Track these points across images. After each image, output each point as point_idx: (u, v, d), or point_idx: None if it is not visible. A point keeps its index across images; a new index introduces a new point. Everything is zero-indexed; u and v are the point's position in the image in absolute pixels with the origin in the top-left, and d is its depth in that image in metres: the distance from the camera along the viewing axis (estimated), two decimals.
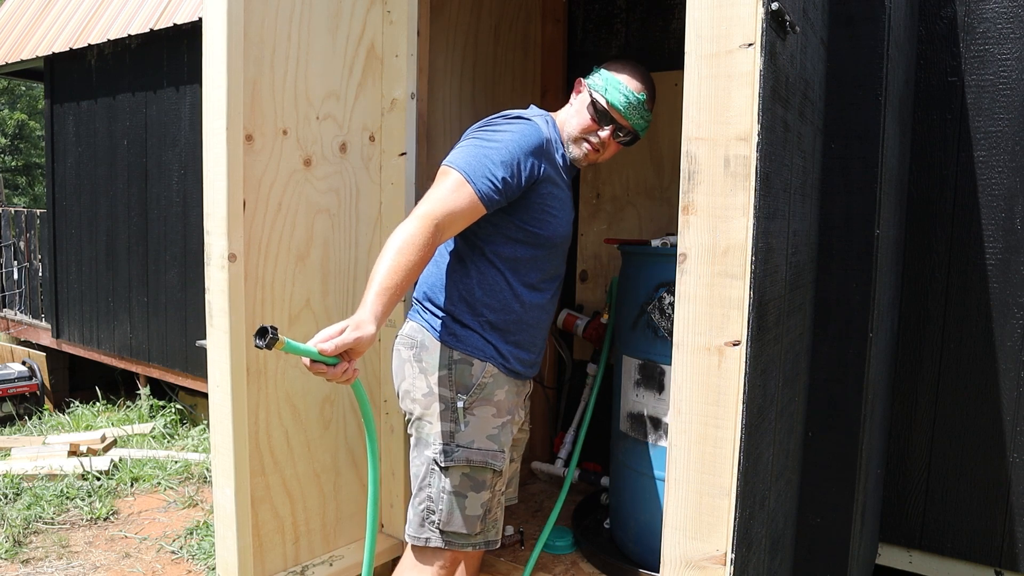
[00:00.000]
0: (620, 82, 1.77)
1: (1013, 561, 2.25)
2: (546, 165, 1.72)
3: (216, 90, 1.75)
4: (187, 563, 2.98)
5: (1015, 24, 2.17)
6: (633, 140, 1.85)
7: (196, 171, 4.38)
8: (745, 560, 1.27)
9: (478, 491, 1.71)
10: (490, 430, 1.73)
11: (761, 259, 1.19)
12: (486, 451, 1.71)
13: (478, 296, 1.73)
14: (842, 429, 1.78)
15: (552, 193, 1.74)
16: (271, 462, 1.93)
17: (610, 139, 1.80)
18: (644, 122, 1.82)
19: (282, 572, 1.98)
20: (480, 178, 1.59)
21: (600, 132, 1.79)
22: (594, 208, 3.05)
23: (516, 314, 1.75)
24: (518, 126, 1.70)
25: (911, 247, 2.37)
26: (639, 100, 1.77)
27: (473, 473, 1.70)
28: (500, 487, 1.76)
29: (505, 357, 1.75)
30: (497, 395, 1.74)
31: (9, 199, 14.47)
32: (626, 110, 1.77)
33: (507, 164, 1.62)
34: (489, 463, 1.71)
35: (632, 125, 1.80)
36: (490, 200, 1.61)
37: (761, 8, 1.12)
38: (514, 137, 1.66)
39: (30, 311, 6.33)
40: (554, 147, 1.78)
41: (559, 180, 1.78)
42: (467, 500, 1.70)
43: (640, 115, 1.80)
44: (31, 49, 5.60)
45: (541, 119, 1.79)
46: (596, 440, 2.81)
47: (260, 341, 1.29)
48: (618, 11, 2.99)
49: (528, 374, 1.85)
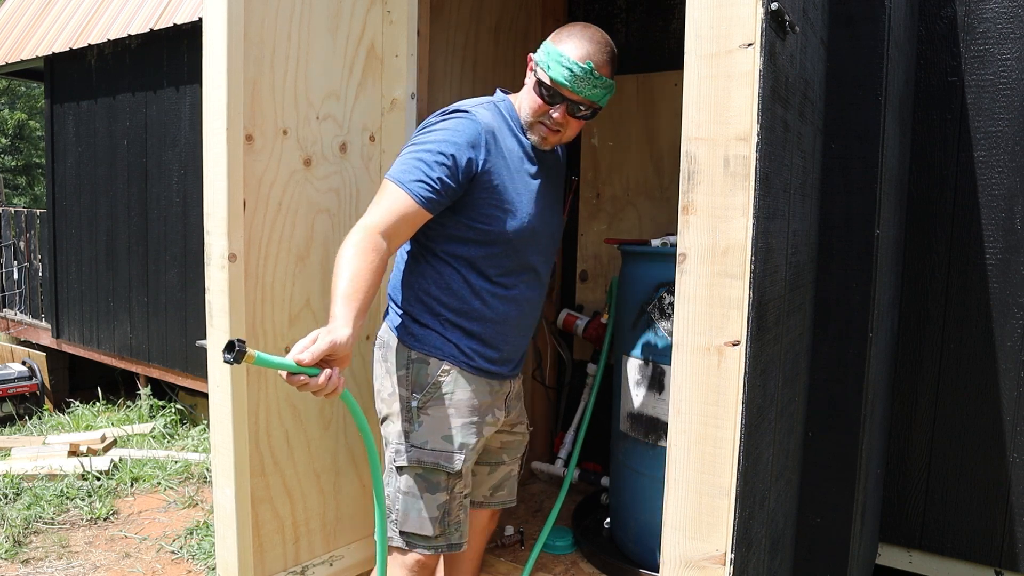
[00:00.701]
0: (562, 54, 1.60)
1: (1013, 561, 2.25)
2: (488, 157, 1.63)
3: (216, 90, 1.75)
4: (187, 563, 2.98)
5: (1015, 24, 2.17)
6: (595, 112, 1.69)
7: (196, 171, 4.38)
8: (745, 560, 1.27)
9: (433, 492, 1.67)
10: (446, 431, 1.68)
11: (761, 259, 1.19)
12: (439, 452, 1.66)
13: (435, 295, 1.69)
14: (842, 429, 1.78)
15: (501, 186, 1.65)
16: (271, 462, 1.93)
17: (566, 118, 1.66)
18: (601, 90, 1.64)
19: (282, 572, 1.99)
20: (413, 183, 1.56)
21: (552, 113, 1.65)
22: (594, 208, 3.05)
23: (477, 311, 1.70)
24: (452, 121, 1.63)
25: (911, 247, 2.37)
26: (585, 70, 1.59)
27: (426, 474, 1.67)
28: (460, 489, 1.70)
29: (468, 355, 1.70)
30: (457, 395, 1.69)
31: (9, 199, 14.47)
32: (573, 84, 1.60)
33: (441, 163, 1.57)
34: (441, 464, 1.66)
35: (586, 98, 1.63)
36: (429, 202, 1.57)
37: (761, 8, 1.12)
38: (446, 134, 1.60)
39: (30, 311, 6.33)
40: (505, 134, 1.69)
41: (513, 170, 1.68)
42: (422, 501, 1.66)
43: (591, 85, 1.61)
44: (31, 49, 5.60)
45: (484, 107, 1.69)
46: (596, 440, 2.81)
47: (228, 355, 1.23)
48: (618, 11, 2.99)
49: (504, 372, 1.78)
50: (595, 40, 1.62)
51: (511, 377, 1.81)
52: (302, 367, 1.31)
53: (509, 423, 1.86)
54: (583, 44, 1.60)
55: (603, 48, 1.62)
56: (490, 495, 1.91)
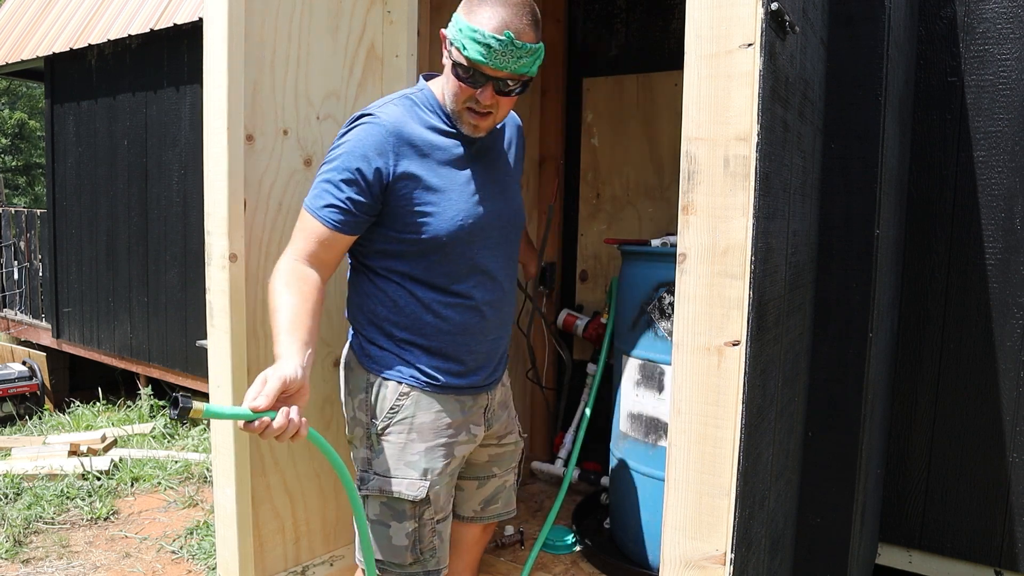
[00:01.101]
0: (475, 28, 1.41)
1: (1013, 561, 2.25)
2: (399, 160, 1.50)
3: (217, 90, 1.75)
4: (187, 563, 2.98)
5: (1015, 24, 2.18)
6: (526, 85, 1.51)
7: (196, 171, 4.39)
8: (745, 560, 1.27)
9: (400, 521, 1.57)
10: (409, 457, 1.57)
11: (761, 259, 1.20)
12: (401, 480, 1.56)
13: (384, 315, 1.59)
14: (842, 429, 1.78)
15: (422, 188, 1.52)
16: (271, 462, 1.93)
17: (494, 98, 1.48)
18: (529, 59, 1.44)
19: (282, 572, 1.99)
20: (323, 209, 1.48)
21: (478, 96, 1.48)
22: (594, 208, 3.05)
23: (432, 326, 1.58)
24: (355, 131, 1.52)
25: (911, 247, 2.37)
26: (504, 42, 1.40)
27: (390, 503, 1.57)
28: (430, 516, 1.59)
29: (429, 375, 1.59)
30: (420, 418, 1.58)
31: (10, 199, 14.47)
32: (494, 60, 1.41)
33: (349, 180, 1.47)
34: (404, 493, 1.55)
35: (512, 72, 1.44)
36: (343, 224, 1.49)
37: (761, 8, 1.12)
38: (350, 146, 1.50)
39: (30, 311, 6.33)
40: (420, 128, 1.55)
41: (436, 165, 1.54)
42: (390, 530, 1.57)
43: (516, 57, 1.42)
44: (31, 49, 5.60)
45: (394, 103, 1.56)
46: (596, 440, 2.81)
47: (172, 411, 1.16)
48: (618, 11, 2.99)
49: (476, 384, 1.65)
50: (509, 4, 1.42)
51: (487, 388, 1.68)
52: (258, 413, 1.23)
53: (495, 435, 1.76)
54: (497, 12, 1.41)
55: (521, 11, 1.42)
56: (481, 509, 1.80)
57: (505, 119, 1.70)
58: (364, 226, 1.53)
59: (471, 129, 1.54)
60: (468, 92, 1.48)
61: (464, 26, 1.42)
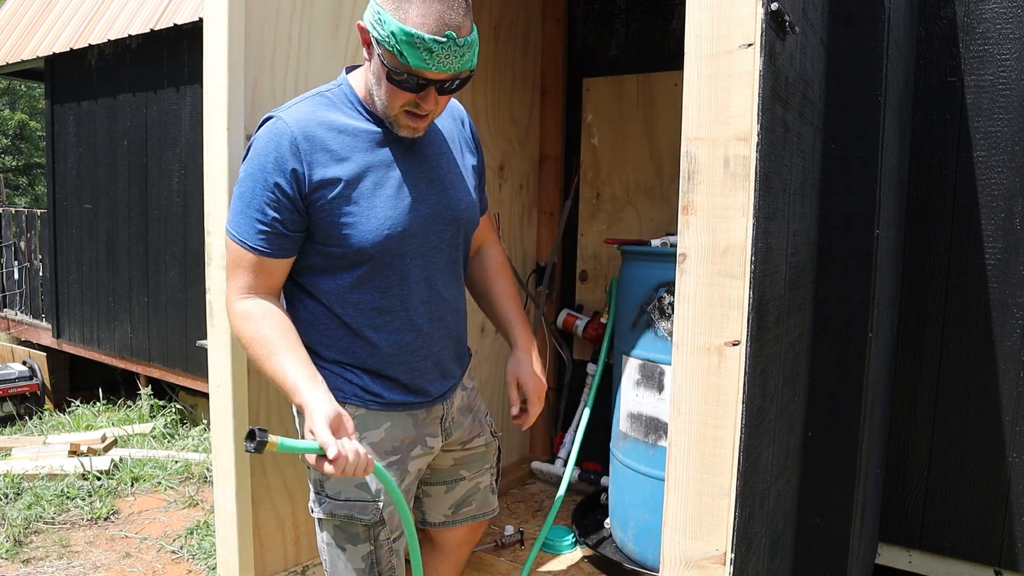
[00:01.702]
0: (412, 31, 1.26)
1: (1013, 561, 2.25)
2: (312, 168, 1.38)
3: (217, 90, 1.75)
4: (187, 563, 2.98)
5: (1015, 24, 2.18)
6: (466, 80, 1.39)
7: (196, 171, 4.39)
8: (745, 560, 1.27)
9: (355, 544, 1.51)
10: (359, 478, 1.50)
11: (761, 259, 1.20)
12: (353, 502, 1.49)
13: (316, 339, 1.50)
14: (842, 429, 1.78)
15: (341, 195, 1.40)
16: (272, 462, 1.94)
17: (436, 98, 1.37)
18: (470, 53, 1.32)
19: (283, 572, 1.99)
20: (253, 236, 1.39)
21: (420, 100, 1.36)
22: (594, 208, 3.05)
23: (364, 350, 1.49)
24: (260, 141, 1.41)
25: (911, 247, 2.37)
26: (444, 44, 1.27)
27: (343, 526, 1.51)
28: (385, 536, 1.53)
29: (374, 393, 1.51)
30: (369, 437, 1.51)
31: (11, 199, 14.48)
32: (435, 64, 1.29)
33: (270, 201, 1.38)
34: (356, 516, 1.49)
35: (457, 72, 1.33)
36: (280, 248, 1.41)
37: (761, 8, 1.13)
38: (259, 160, 1.39)
39: (30, 311, 6.34)
40: (333, 130, 1.42)
41: (356, 167, 1.42)
42: (346, 553, 1.52)
43: (458, 55, 1.30)
44: (32, 49, 5.61)
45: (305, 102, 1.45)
46: (596, 440, 2.81)
47: (249, 444, 1.17)
48: (618, 11, 2.99)
49: (427, 398, 1.56)
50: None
51: (441, 399, 1.59)
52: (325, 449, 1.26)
53: (457, 442, 1.69)
54: (431, 7, 1.27)
55: (453, 2, 1.29)
56: (452, 513, 1.74)
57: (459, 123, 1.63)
58: (299, 242, 1.44)
59: (410, 132, 1.43)
60: (406, 97, 1.35)
61: (396, 29, 1.27)
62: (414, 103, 1.37)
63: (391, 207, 1.43)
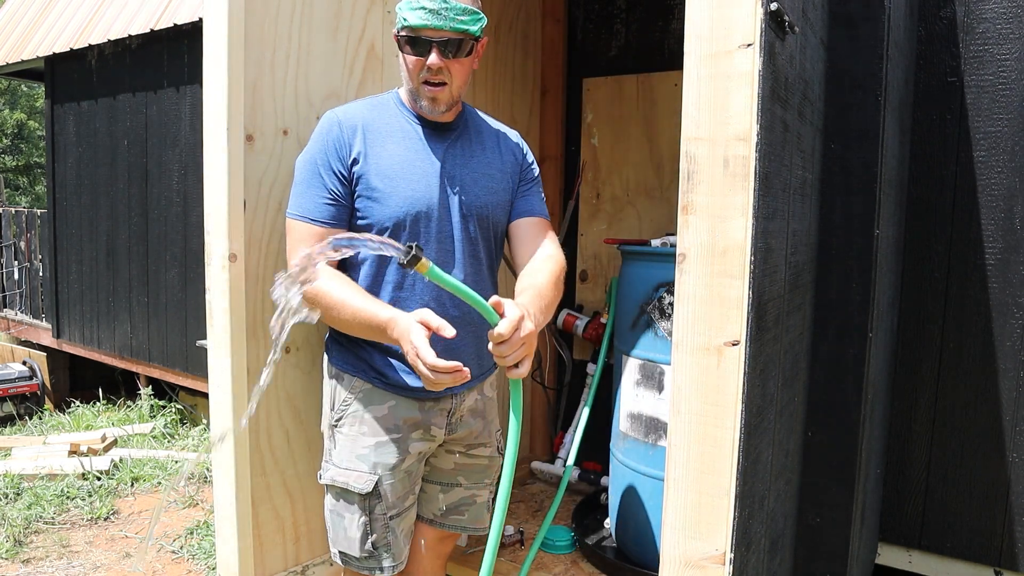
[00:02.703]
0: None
1: (1013, 561, 2.25)
2: (352, 142, 1.58)
3: (216, 90, 1.75)
4: (187, 563, 2.98)
5: (1015, 24, 2.18)
6: (471, 47, 1.55)
7: (196, 171, 4.39)
8: (744, 560, 1.27)
9: (352, 513, 1.62)
10: (360, 450, 1.62)
11: (760, 259, 1.20)
12: (350, 472, 1.61)
13: None
14: (842, 429, 1.78)
15: (371, 171, 1.58)
16: (271, 462, 1.94)
17: (443, 60, 1.53)
18: (468, 17, 1.51)
19: (282, 572, 1.99)
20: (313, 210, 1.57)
21: (428, 62, 1.52)
22: (594, 208, 3.05)
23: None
24: (315, 132, 1.64)
25: (911, 247, 2.37)
26: (437, 1, 1.48)
27: (343, 494, 1.63)
28: (382, 511, 1.62)
29: (380, 371, 1.62)
30: (372, 412, 1.62)
31: (11, 199, 14.49)
32: (432, 21, 1.48)
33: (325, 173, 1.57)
34: (351, 485, 1.60)
35: (454, 30, 1.50)
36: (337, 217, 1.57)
37: (760, 8, 1.13)
38: (314, 147, 1.62)
39: (30, 311, 6.34)
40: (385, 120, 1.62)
41: (398, 153, 1.60)
42: (345, 520, 1.63)
43: (452, 14, 1.48)
44: (32, 49, 5.61)
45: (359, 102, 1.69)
46: (596, 440, 2.81)
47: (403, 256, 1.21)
48: (618, 11, 2.99)
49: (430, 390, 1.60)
50: None
51: (452, 391, 1.66)
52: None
53: (461, 442, 1.74)
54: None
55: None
56: (441, 515, 1.78)
57: (503, 130, 1.77)
58: (348, 212, 1.59)
59: (430, 104, 1.59)
60: (419, 63, 1.54)
61: (403, 3, 1.51)
62: (426, 68, 1.53)
63: (412, 189, 1.58)
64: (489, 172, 1.70)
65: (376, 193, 1.57)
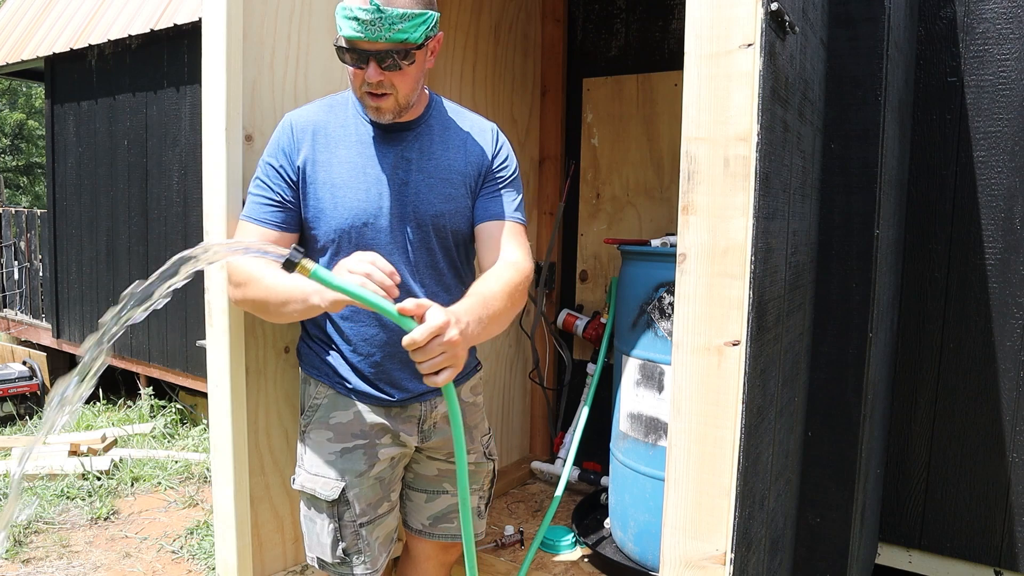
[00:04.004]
0: (344, 6, 1.38)
1: (1013, 561, 2.25)
2: (300, 146, 1.54)
3: (216, 91, 1.75)
4: (187, 563, 2.98)
5: (1015, 24, 2.17)
6: (410, 54, 1.42)
7: (196, 171, 4.39)
8: (745, 560, 1.27)
9: (322, 520, 1.58)
10: (326, 456, 1.58)
11: (761, 259, 1.20)
12: (317, 478, 1.58)
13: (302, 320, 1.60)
14: (842, 429, 1.78)
15: (319, 181, 1.53)
16: (271, 461, 1.93)
17: (382, 74, 1.42)
18: (407, 24, 1.37)
19: (282, 571, 1.99)
20: (259, 213, 1.53)
21: (366, 76, 1.42)
22: (594, 208, 3.05)
23: (338, 334, 1.58)
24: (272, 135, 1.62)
25: (911, 247, 2.37)
26: (371, 11, 1.34)
27: (312, 500, 1.60)
28: (351, 518, 1.57)
29: (342, 377, 1.58)
30: (337, 418, 1.58)
31: (12, 199, 14.49)
32: (364, 32, 1.36)
33: (272, 177, 1.54)
34: (317, 492, 1.56)
35: (390, 42, 1.37)
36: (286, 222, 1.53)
37: (760, 8, 1.12)
38: (266, 149, 1.60)
39: (30, 311, 6.34)
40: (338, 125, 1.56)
41: (348, 159, 1.54)
42: (316, 526, 1.60)
43: (387, 24, 1.35)
44: (32, 49, 5.61)
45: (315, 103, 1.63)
46: (596, 440, 2.81)
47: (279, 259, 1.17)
48: (618, 11, 2.99)
49: (398, 392, 1.58)
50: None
51: (419, 399, 1.62)
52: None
53: (440, 450, 1.69)
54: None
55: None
56: (429, 524, 1.73)
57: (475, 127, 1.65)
58: (299, 219, 1.56)
59: (374, 113, 1.50)
60: (359, 75, 1.45)
61: (337, 8, 1.39)
62: (364, 82, 1.44)
63: (358, 200, 1.52)
64: (447, 176, 1.58)
65: (322, 204, 1.53)
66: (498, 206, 1.62)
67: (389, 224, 1.53)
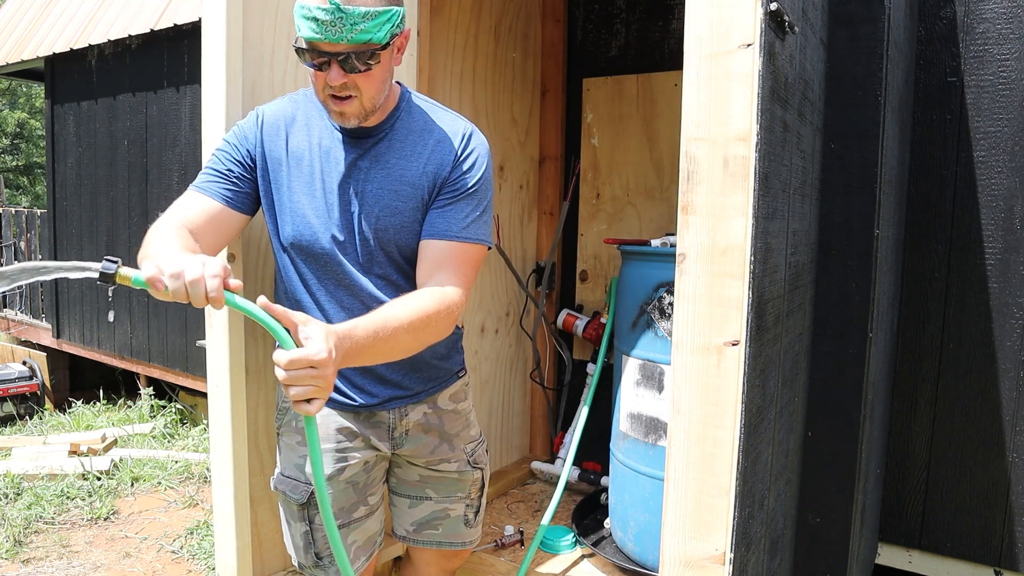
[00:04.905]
0: (302, 5, 1.29)
1: (1013, 561, 2.25)
2: (262, 136, 1.49)
3: (215, 90, 1.75)
4: (187, 563, 2.98)
5: (1015, 24, 2.18)
6: (375, 55, 1.34)
7: (196, 171, 4.35)
8: (744, 560, 1.27)
9: (294, 520, 1.58)
10: (297, 459, 1.57)
11: (760, 259, 1.20)
12: (288, 480, 1.57)
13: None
14: (842, 429, 1.78)
15: (274, 180, 1.48)
16: (271, 461, 1.93)
17: (346, 76, 1.34)
18: (369, 24, 1.29)
19: (282, 571, 1.99)
20: (206, 184, 1.47)
21: (327, 79, 1.34)
22: (594, 208, 3.05)
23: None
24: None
25: (911, 247, 2.37)
26: (331, 11, 1.26)
27: (284, 502, 1.59)
28: (320, 521, 1.52)
29: None
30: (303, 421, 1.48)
31: (12, 199, 14.49)
32: (324, 33, 1.28)
33: (225, 152, 1.50)
34: (288, 494, 1.55)
35: (352, 43, 1.30)
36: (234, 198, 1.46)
37: (760, 8, 1.13)
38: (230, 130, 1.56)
39: (30, 311, 6.34)
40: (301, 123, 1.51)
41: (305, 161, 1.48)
42: (291, 528, 1.60)
43: (348, 24, 1.28)
44: (32, 49, 5.61)
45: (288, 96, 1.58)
46: (596, 440, 2.81)
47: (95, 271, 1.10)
48: (618, 11, 2.99)
49: (359, 399, 1.56)
50: None
51: (384, 406, 1.58)
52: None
53: (418, 458, 1.65)
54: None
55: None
56: (413, 531, 1.71)
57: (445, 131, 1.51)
58: (250, 202, 1.50)
59: (338, 118, 1.43)
60: (320, 78, 1.37)
61: (296, 7, 1.31)
62: (327, 85, 1.37)
63: (313, 207, 1.47)
64: (396, 188, 1.47)
65: (277, 207, 1.50)
66: (443, 222, 1.47)
67: (342, 236, 1.47)
